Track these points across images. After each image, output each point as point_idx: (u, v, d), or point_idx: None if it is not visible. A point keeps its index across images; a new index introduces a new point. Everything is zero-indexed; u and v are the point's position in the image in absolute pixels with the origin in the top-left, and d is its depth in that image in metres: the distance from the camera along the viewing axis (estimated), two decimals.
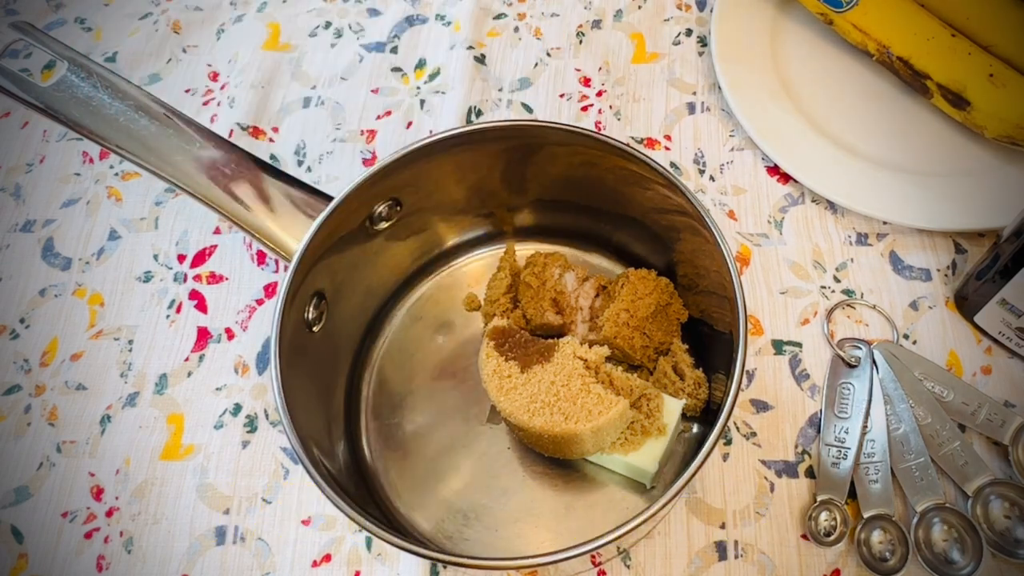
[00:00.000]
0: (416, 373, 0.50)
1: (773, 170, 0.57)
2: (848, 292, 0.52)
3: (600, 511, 0.45)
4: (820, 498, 0.45)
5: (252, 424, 0.50)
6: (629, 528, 0.34)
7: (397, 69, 0.63)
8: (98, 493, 0.48)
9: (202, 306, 0.54)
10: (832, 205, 0.55)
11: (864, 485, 0.45)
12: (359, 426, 0.48)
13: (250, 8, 0.67)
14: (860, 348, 0.49)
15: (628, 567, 0.45)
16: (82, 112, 0.46)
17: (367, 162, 0.59)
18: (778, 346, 0.50)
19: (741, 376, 0.38)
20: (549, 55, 0.63)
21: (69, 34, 0.66)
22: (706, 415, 0.46)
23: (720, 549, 0.45)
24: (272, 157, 0.59)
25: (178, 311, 0.54)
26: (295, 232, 0.44)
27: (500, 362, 0.44)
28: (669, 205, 0.45)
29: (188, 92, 0.63)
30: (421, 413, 0.48)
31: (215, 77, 0.64)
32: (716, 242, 0.41)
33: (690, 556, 0.45)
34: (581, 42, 0.64)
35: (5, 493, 0.49)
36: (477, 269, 0.53)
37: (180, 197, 0.58)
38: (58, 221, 0.58)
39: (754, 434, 0.48)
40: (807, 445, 0.47)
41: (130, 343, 0.53)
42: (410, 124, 0.60)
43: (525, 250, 0.53)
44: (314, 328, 0.45)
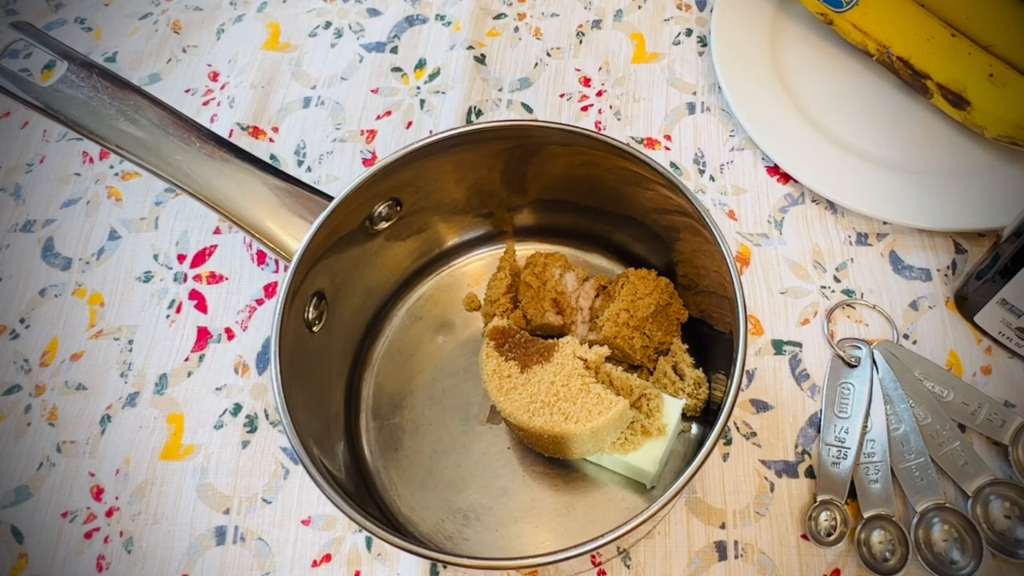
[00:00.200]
0: (416, 373, 0.50)
1: (773, 170, 0.57)
2: (848, 292, 0.52)
3: (600, 511, 0.45)
4: (820, 498, 0.45)
5: (252, 424, 0.50)
6: (629, 528, 0.34)
7: (397, 69, 0.63)
8: (98, 493, 0.48)
9: (202, 306, 0.54)
10: (832, 205, 0.55)
11: (864, 485, 0.45)
12: (359, 426, 0.48)
13: (250, 8, 0.67)
14: (860, 348, 0.49)
15: (628, 567, 0.45)
16: (82, 112, 0.46)
17: (367, 162, 0.59)
18: (778, 346, 0.50)
19: (741, 376, 0.38)
20: (549, 55, 0.63)
21: (69, 34, 0.66)
22: (706, 415, 0.46)
23: (720, 549, 0.45)
24: (272, 157, 0.59)
25: (178, 311, 0.54)
26: (295, 232, 0.44)
27: (500, 362, 0.44)
28: (669, 205, 0.45)
29: (188, 92, 0.63)
30: (421, 413, 0.48)
31: (215, 77, 0.64)
32: (716, 242, 0.41)
33: (690, 556, 0.45)
34: (581, 42, 0.64)
35: (5, 493, 0.49)
36: (477, 269, 0.53)
37: (180, 197, 0.58)
38: (58, 221, 0.58)
39: (754, 434, 0.48)
40: (807, 445, 0.47)
41: (130, 343, 0.53)
42: (410, 124, 0.60)
43: (525, 250, 0.53)
44: (314, 328, 0.45)
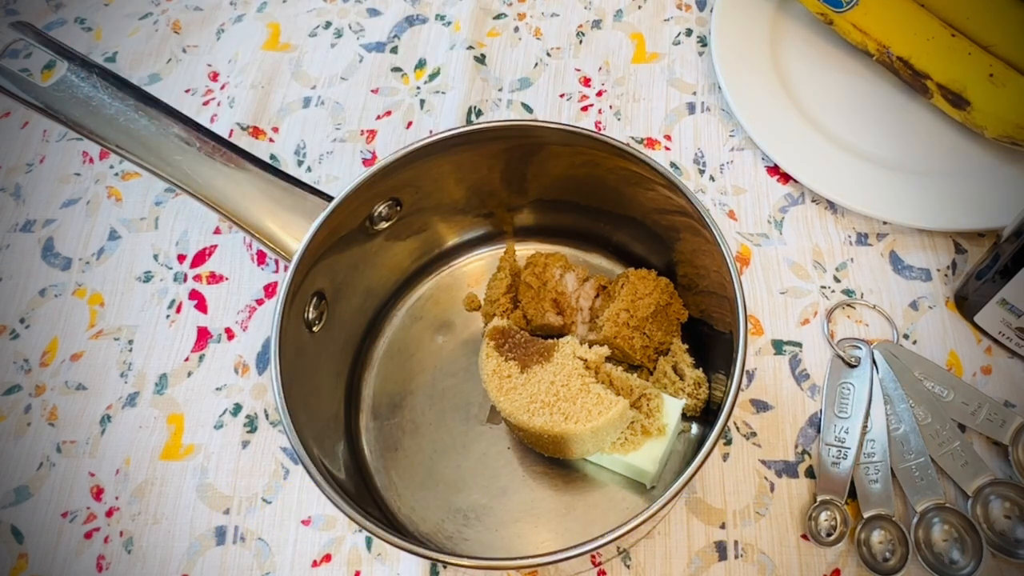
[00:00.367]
0: (416, 373, 0.50)
1: (773, 170, 0.57)
2: (848, 292, 0.52)
3: (600, 511, 0.45)
4: (820, 498, 0.45)
5: (252, 424, 0.50)
6: (629, 528, 0.34)
7: (397, 69, 0.63)
8: (98, 493, 0.48)
9: (202, 306, 0.54)
10: (832, 205, 0.55)
11: (864, 485, 0.45)
12: (359, 426, 0.48)
13: (250, 8, 0.67)
14: (860, 348, 0.49)
15: (628, 567, 0.45)
16: (82, 112, 0.46)
17: (367, 162, 0.59)
18: (778, 346, 0.50)
19: (741, 376, 0.38)
20: (549, 55, 0.63)
21: (69, 34, 0.66)
22: (706, 415, 0.46)
23: (720, 549, 0.45)
24: (272, 157, 0.59)
25: (178, 311, 0.54)
26: (295, 232, 0.44)
27: (500, 362, 0.44)
28: (669, 205, 0.45)
29: (188, 92, 0.63)
30: (421, 413, 0.48)
31: (215, 77, 0.64)
32: (716, 242, 0.41)
33: (690, 556, 0.45)
34: (581, 42, 0.64)
35: (5, 493, 0.49)
36: (477, 269, 0.53)
37: (180, 197, 0.58)
38: (58, 221, 0.58)
39: (754, 434, 0.48)
40: (807, 445, 0.47)
41: (130, 343, 0.53)
42: (410, 124, 0.60)
43: (525, 250, 0.53)
44: (314, 328, 0.45)
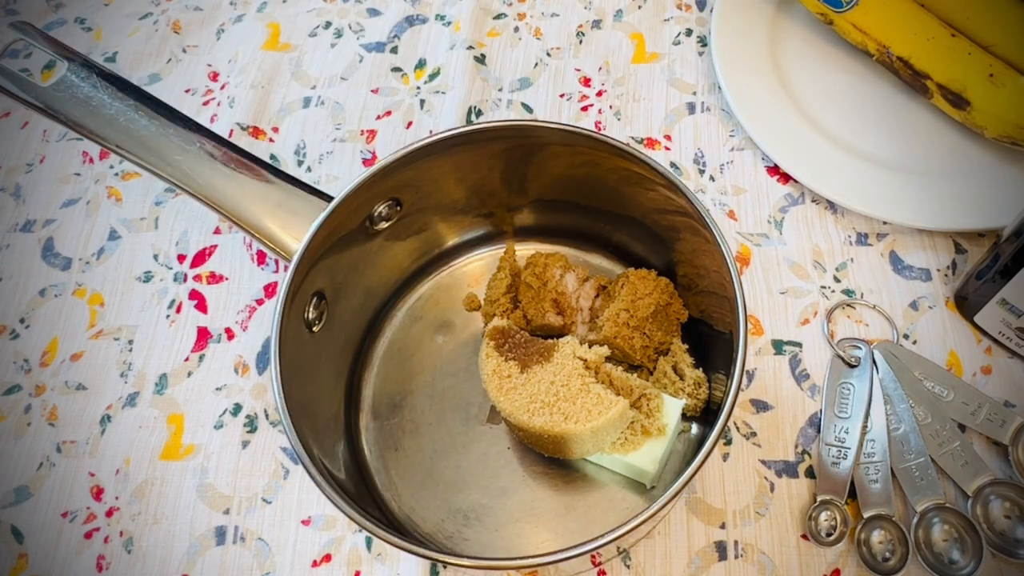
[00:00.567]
0: (416, 373, 0.50)
1: (773, 170, 0.57)
2: (848, 292, 0.52)
3: (600, 511, 0.45)
4: (820, 498, 0.45)
5: (252, 424, 0.50)
6: (629, 528, 0.34)
7: (397, 69, 0.63)
8: (98, 493, 0.48)
9: (202, 306, 0.54)
10: (832, 205, 0.55)
11: (864, 485, 0.45)
12: (359, 426, 0.48)
13: (250, 8, 0.67)
14: (860, 348, 0.49)
15: (628, 567, 0.45)
16: (82, 112, 0.46)
17: (367, 162, 0.59)
18: (778, 346, 0.50)
19: (741, 376, 0.38)
20: (549, 55, 0.63)
21: (69, 34, 0.66)
22: (706, 415, 0.46)
23: (720, 549, 0.45)
24: (272, 157, 0.59)
25: (178, 311, 0.54)
26: (295, 232, 0.44)
27: (500, 362, 0.44)
28: (669, 205, 0.45)
29: (188, 92, 0.63)
30: (421, 413, 0.48)
31: (215, 77, 0.64)
32: (716, 242, 0.41)
33: (690, 556, 0.45)
34: (581, 42, 0.64)
35: (5, 493, 0.49)
36: (477, 269, 0.53)
37: (180, 197, 0.58)
38: (58, 221, 0.58)
39: (754, 434, 0.48)
40: (807, 445, 0.47)
41: (130, 343, 0.53)
42: (410, 124, 0.60)
43: (525, 250, 0.53)
44: (314, 328, 0.45)
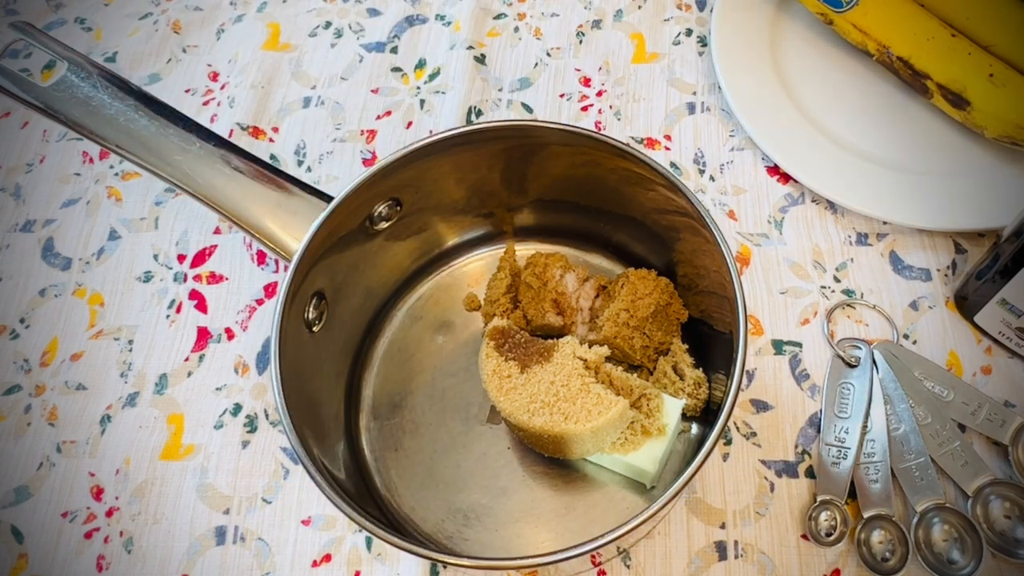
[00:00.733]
0: (416, 373, 0.50)
1: (773, 170, 0.57)
2: (848, 292, 0.52)
3: (600, 511, 0.45)
4: (820, 498, 0.45)
5: (252, 424, 0.50)
6: (629, 528, 0.34)
7: (397, 69, 0.63)
8: (98, 493, 0.48)
9: (202, 306, 0.54)
10: (832, 205, 0.55)
11: (864, 485, 0.45)
12: (359, 426, 0.48)
13: (250, 8, 0.67)
14: (860, 348, 0.49)
15: (628, 567, 0.45)
16: (82, 112, 0.46)
17: (367, 162, 0.59)
18: (778, 346, 0.50)
19: (741, 376, 0.38)
20: (549, 55, 0.63)
21: (69, 34, 0.66)
22: (706, 415, 0.46)
23: (720, 549, 0.45)
24: (272, 157, 0.59)
25: (178, 311, 0.54)
26: (295, 232, 0.44)
27: (500, 362, 0.44)
28: (669, 205, 0.45)
29: (188, 92, 0.63)
30: (421, 413, 0.48)
31: (215, 77, 0.64)
32: (716, 242, 0.41)
33: (690, 556, 0.45)
34: (581, 42, 0.64)
35: (5, 493, 0.49)
36: (477, 269, 0.53)
37: (180, 197, 0.58)
38: (58, 221, 0.58)
39: (754, 434, 0.48)
40: (807, 445, 0.47)
41: (130, 343, 0.53)
42: (410, 124, 0.60)
43: (525, 250, 0.53)
44: (314, 328, 0.45)
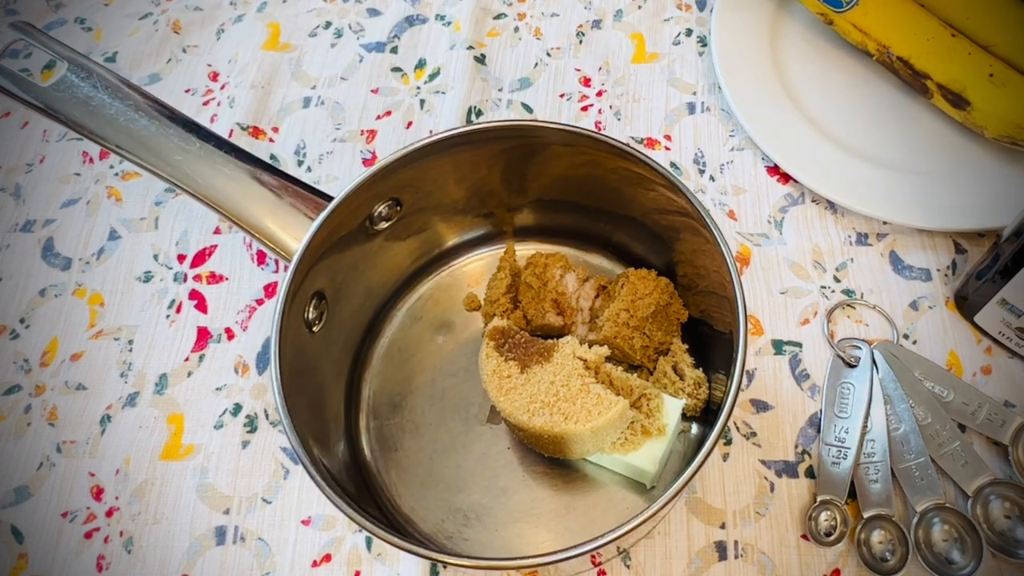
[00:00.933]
0: (416, 373, 0.50)
1: (773, 170, 0.57)
2: (848, 292, 0.52)
3: (600, 511, 0.45)
4: (820, 498, 0.45)
5: (252, 424, 0.50)
6: (629, 528, 0.34)
7: (397, 69, 0.63)
8: (98, 493, 0.48)
9: (202, 306, 0.54)
10: (832, 205, 0.55)
11: (864, 485, 0.45)
12: (359, 426, 0.48)
13: (250, 8, 0.67)
14: (860, 348, 0.49)
15: (628, 567, 0.45)
16: (82, 112, 0.46)
17: (367, 162, 0.59)
18: (778, 346, 0.50)
19: (741, 376, 0.38)
20: (549, 55, 0.63)
21: (69, 34, 0.66)
22: (706, 415, 0.46)
23: (720, 549, 0.45)
24: (272, 157, 0.59)
25: (178, 311, 0.54)
26: (295, 232, 0.44)
27: (500, 362, 0.44)
28: (669, 205, 0.45)
29: (188, 92, 0.63)
30: (421, 413, 0.48)
31: (215, 77, 0.64)
32: (716, 242, 0.41)
33: (690, 556, 0.45)
34: (581, 42, 0.64)
35: (5, 493, 0.49)
36: (477, 269, 0.53)
37: (180, 197, 0.58)
38: (58, 221, 0.58)
39: (754, 434, 0.48)
40: (807, 445, 0.47)
41: (130, 343, 0.53)
42: (410, 124, 0.60)
43: (525, 250, 0.53)
44: (314, 328, 0.45)
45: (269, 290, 0.54)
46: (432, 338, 0.51)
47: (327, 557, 0.46)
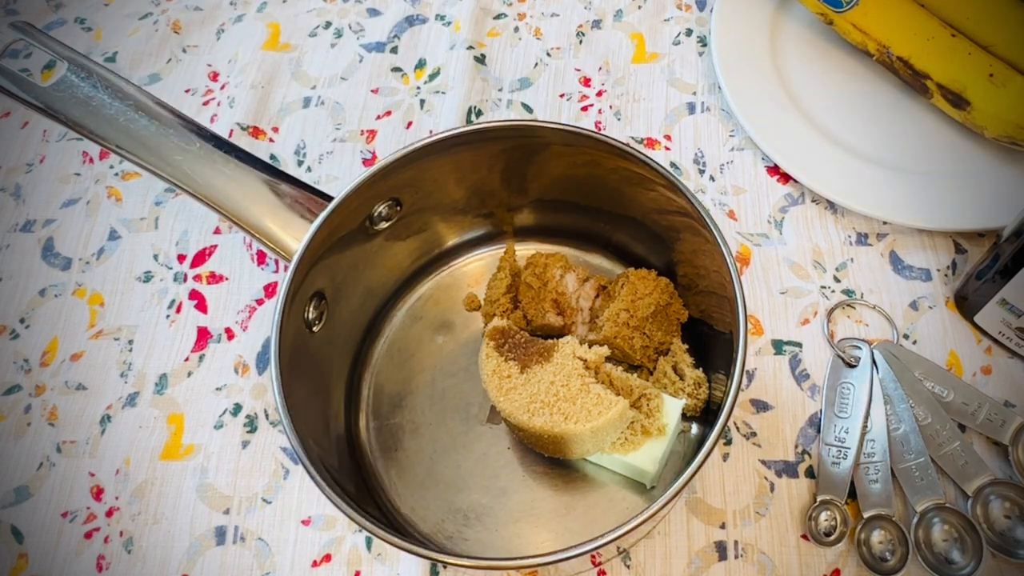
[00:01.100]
0: (416, 373, 0.50)
1: (773, 170, 0.57)
2: (848, 292, 0.52)
3: (600, 511, 0.45)
4: (820, 498, 0.45)
5: (252, 424, 0.50)
6: (629, 528, 0.34)
7: (397, 69, 0.63)
8: (98, 493, 0.48)
9: (202, 306, 0.54)
10: (832, 205, 0.55)
11: (864, 485, 0.45)
12: (359, 426, 0.48)
13: (250, 8, 0.67)
14: (860, 348, 0.49)
15: (628, 567, 0.45)
16: (82, 112, 0.46)
17: (367, 162, 0.59)
18: (778, 346, 0.50)
19: (741, 376, 0.38)
20: (549, 55, 0.63)
21: (69, 34, 0.66)
22: (706, 415, 0.46)
23: (720, 549, 0.45)
24: (272, 157, 0.59)
25: (178, 311, 0.54)
26: (295, 232, 0.44)
27: (500, 362, 0.44)
28: (669, 205, 0.45)
29: (188, 92, 0.63)
30: (421, 413, 0.48)
31: (215, 77, 0.64)
32: (716, 242, 0.41)
33: (690, 556, 0.45)
34: (581, 42, 0.64)
35: (5, 493, 0.49)
36: (477, 269, 0.53)
37: (180, 197, 0.58)
38: (58, 221, 0.58)
39: (754, 434, 0.48)
40: (807, 445, 0.47)
41: (130, 343, 0.53)
42: (410, 124, 0.60)
43: (525, 250, 0.53)
44: (314, 328, 0.45)
45: (269, 290, 0.54)
46: (432, 338, 0.51)
47: (327, 557, 0.46)
